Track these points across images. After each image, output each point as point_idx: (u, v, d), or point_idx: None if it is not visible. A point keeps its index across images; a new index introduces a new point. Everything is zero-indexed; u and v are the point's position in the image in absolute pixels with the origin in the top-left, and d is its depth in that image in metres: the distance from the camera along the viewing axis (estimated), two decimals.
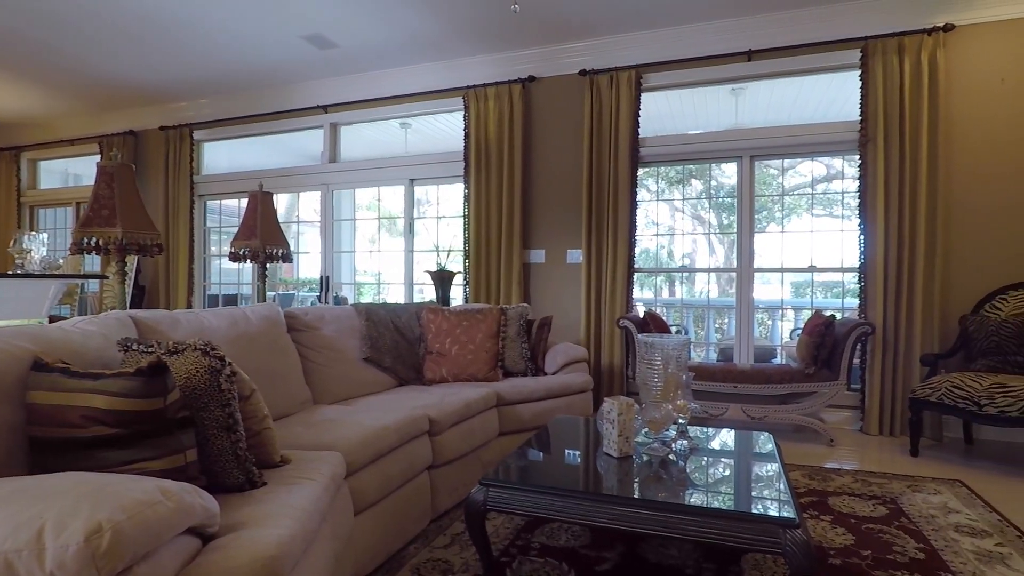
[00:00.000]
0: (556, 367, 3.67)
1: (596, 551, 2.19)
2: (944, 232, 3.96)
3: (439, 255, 5.19)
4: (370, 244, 8.27)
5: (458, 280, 5.08)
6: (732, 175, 4.76)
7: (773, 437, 2.39)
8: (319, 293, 5.93)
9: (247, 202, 4.18)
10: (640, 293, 7.39)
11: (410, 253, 5.65)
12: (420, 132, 6.24)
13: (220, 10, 4.30)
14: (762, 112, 5.55)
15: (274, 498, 1.46)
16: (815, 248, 4.81)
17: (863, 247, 4.08)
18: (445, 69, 5.19)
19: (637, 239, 4.65)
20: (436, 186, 5.79)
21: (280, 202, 6.38)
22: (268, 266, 4.31)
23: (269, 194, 4.19)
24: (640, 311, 4.64)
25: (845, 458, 3.50)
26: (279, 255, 4.10)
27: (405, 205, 5.61)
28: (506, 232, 4.92)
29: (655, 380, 2.21)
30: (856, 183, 4.14)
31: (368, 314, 3.34)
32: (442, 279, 4.72)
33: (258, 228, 4.02)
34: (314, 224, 6.29)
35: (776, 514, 1.57)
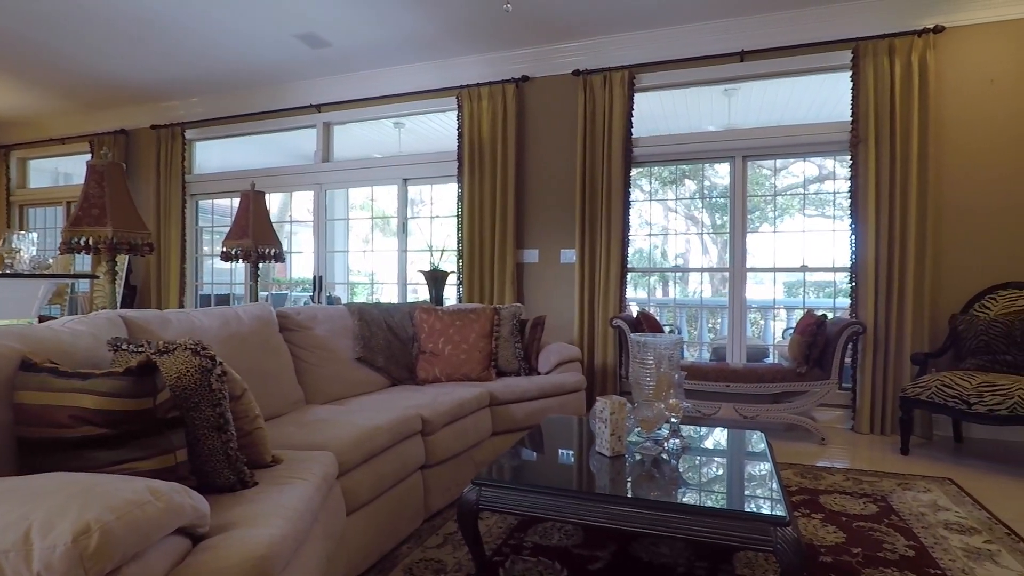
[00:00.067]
0: (549, 367, 3.67)
1: (589, 550, 2.19)
2: (934, 232, 3.99)
3: (432, 255, 5.18)
4: (363, 244, 8.25)
5: (452, 280, 5.07)
6: (725, 175, 4.78)
7: (765, 436, 2.40)
8: (312, 293, 5.91)
9: (239, 201, 4.16)
10: (634, 293, 7.41)
11: (403, 253, 5.63)
12: (414, 132, 6.23)
13: (213, 8, 4.28)
14: (755, 113, 5.57)
15: (265, 498, 1.46)
16: (807, 248, 4.84)
17: (854, 247, 4.11)
18: (438, 69, 5.18)
19: (631, 239, 4.67)
20: (430, 186, 5.78)
21: (273, 202, 6.35)
22: (260, 266, 4.30)
23: (261, 193, 4.18)
24: (633, 311, 4.65)
25: (836, 456, 3.52)
26: (271, 255, 4.09)
27: (399, 205, 5.60)
28: (499, 232, 4.91)
29: (648, 379, 2.21)
30: (848, 183, 4.16)
31: (361, 314, 3.33)
32: (435, 279, 4.71)
33: (250, 227, 4.01)
34: (307, 224, 6.27)
35: (767, 512, 1.58)
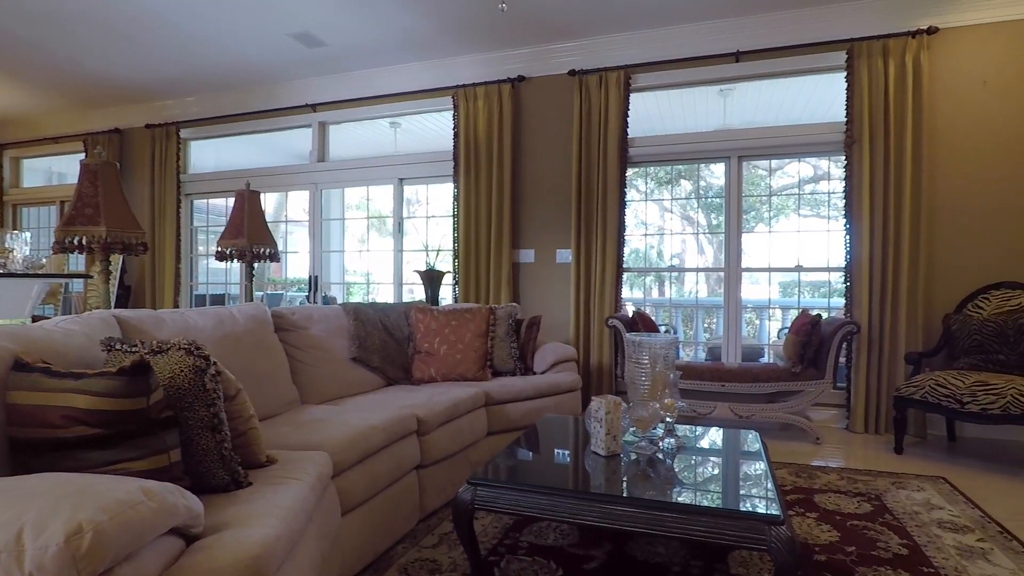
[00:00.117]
0: (545, 366, 3.67)
1: (584, 549, 2.19)
2: (928, 232, 4.01)
3: (428, 255, 5.18)
4: (359, 244, 8.23)
5: (447, 280, 5.07)
6: (720, 175, 4.79)
7: (760, 435, 2.40)
8: (308, 293, 5.89)
9: (234, 201, 4.14)
10: (629, 293, 7.42)
11: (399, 253, 5.63)
12: (409, 132, 6.22)
13: (208, 8, 4.26)
14: (750, 113, 5.59)
15: (259, 498, 1.45)
16: (802, 248, 4.86)
17: (849, 247, 4.12)
18: (434, 68, 5.18)
19: (626, 239, 4.67)
20: (425, 186, 5.78)
21: (268, 201, 6.33)
22: (256, 266, 4.28)
23: (256, 193, 4.16)
24: (629, 310, 4.65)
25: (831, 456, 3.54)
26: (266, 254, 4.08)
27: (394, 205, 5.59)
28: (495, 232, 4.91)
29: (643, 379, 2.22)
30: (842, 184, 4.18)
31: (356, 313, 3.33)
32: (431, 279, 4.71)
33: (245, 227, 3.99)
34: (303, 223, 6.26)
35: (762, 511, 1.59)
